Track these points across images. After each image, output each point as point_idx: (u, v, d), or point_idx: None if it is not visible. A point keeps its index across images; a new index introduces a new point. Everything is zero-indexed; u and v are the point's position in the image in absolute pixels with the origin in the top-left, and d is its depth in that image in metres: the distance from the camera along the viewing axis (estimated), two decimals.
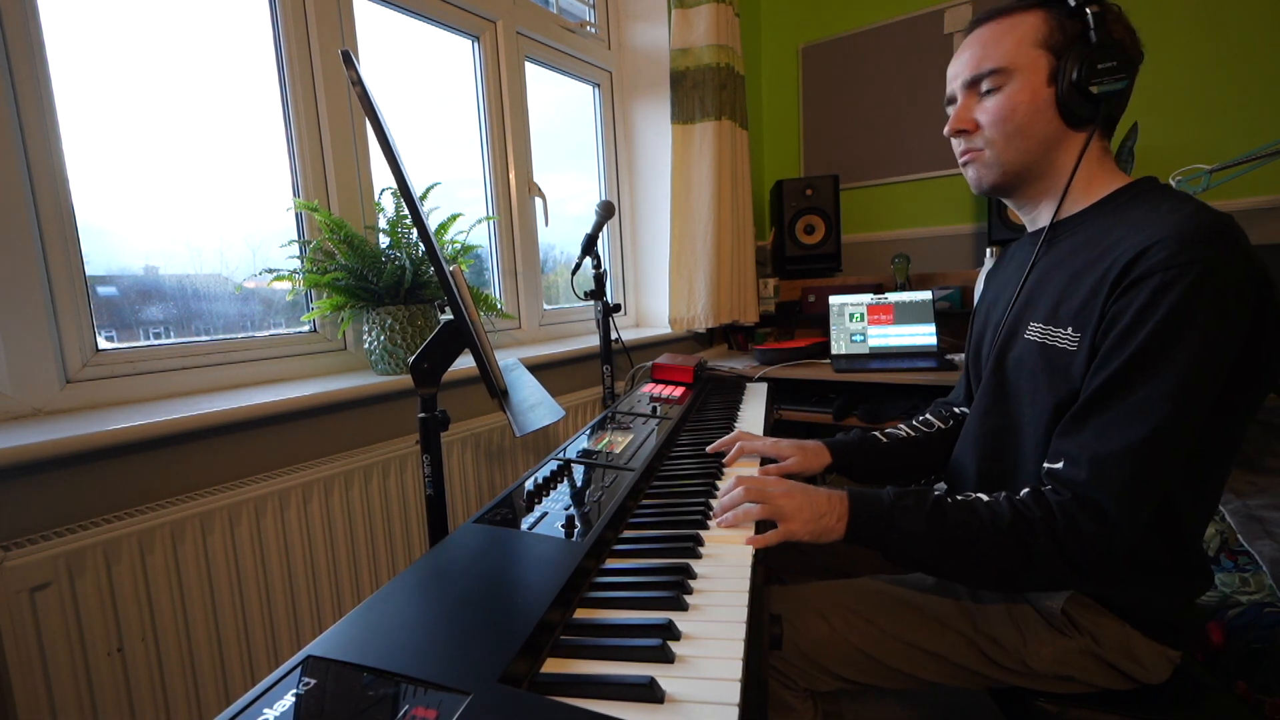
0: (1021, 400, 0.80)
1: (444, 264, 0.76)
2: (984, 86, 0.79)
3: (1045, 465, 0.71)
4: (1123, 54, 0.71)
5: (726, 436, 1.05)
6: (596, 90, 2.22)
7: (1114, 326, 0.66)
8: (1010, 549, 0.68)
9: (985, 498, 0.72)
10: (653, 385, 1.53)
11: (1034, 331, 0.78)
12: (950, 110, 0.84)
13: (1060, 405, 0.72)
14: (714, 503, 0.84)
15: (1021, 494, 0.71)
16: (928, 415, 1.09)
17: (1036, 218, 0.86)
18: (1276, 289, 0.64)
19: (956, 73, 0.82)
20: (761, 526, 0.74)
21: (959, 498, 0.73)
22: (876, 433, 1.07)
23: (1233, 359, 0.63)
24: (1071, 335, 0.71)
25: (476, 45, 1.70)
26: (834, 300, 2.01)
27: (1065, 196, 0.79)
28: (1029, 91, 0.76)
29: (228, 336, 1.18)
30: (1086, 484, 0.65)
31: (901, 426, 1.08)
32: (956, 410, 1.08)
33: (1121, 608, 0.75)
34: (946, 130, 0.84)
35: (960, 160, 0.85)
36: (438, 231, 1.30)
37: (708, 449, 1.04)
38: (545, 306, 1.92)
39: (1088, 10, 0.72)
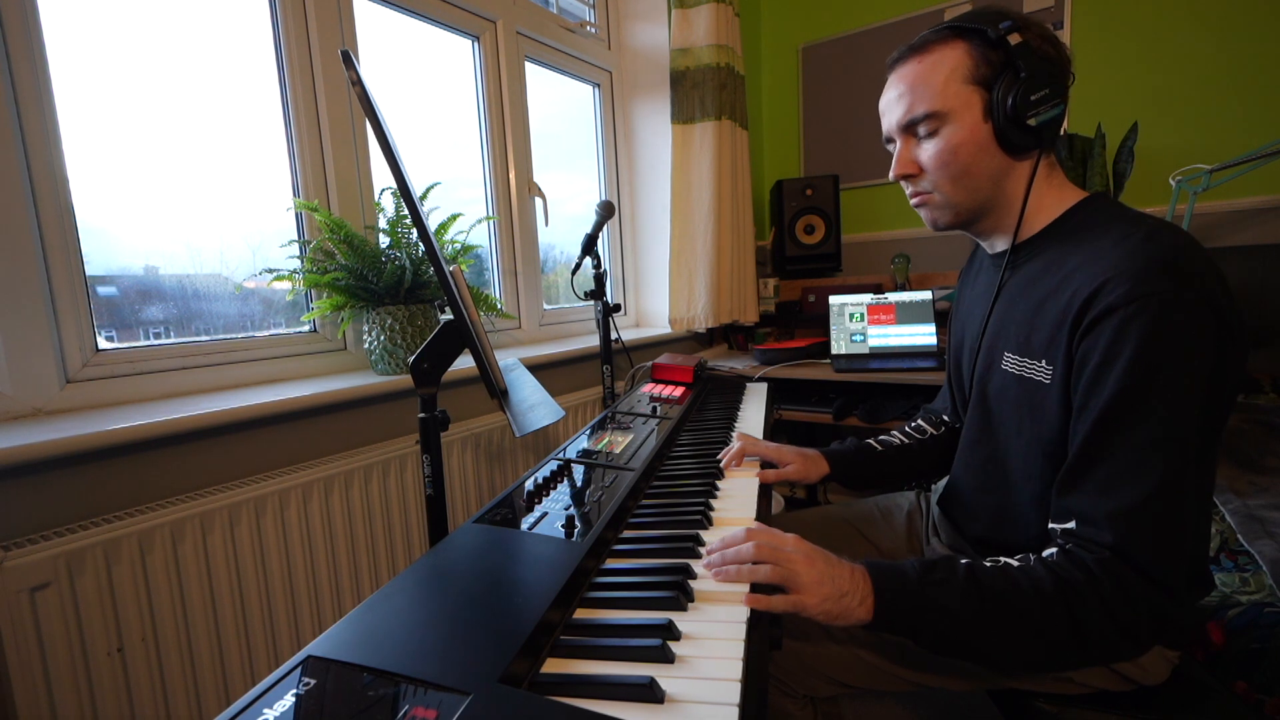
0: (1009, 431, 0.79)
1: (444, 264, 0.76)
2: (920, 131, 0.77)
3: (1054, 525, 0.67)
4: (1053, 78, 0.70)
5: (734, 447, 1.01)
6: (596, 90, 2.22)
7: (1085, 368, 0.64)
8: (1055, 618, 0.62)
9: (1015, 562, 0.66)
10: (653, 385, 1.53)
11: (1009, 363, 0.77)
12: (890, 149, 0.83)
13: (1044, 439, 0.71)
14: (712, 501, 0.84)
15: (1050, 553, 0.66)
16: (919, 421, 1.10)
17: (994, 243, 0.85)
18: (1232, 301, 0.62)
19: (889, 113, 0.80)
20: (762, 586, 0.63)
21: (988, 564, 0.67)
22: (871, 440, 1.07)
23: (1206, 381, 0.61)
24: (1045, 368, 0.71)
25: (476, 45, 1.70)
26: (834, 300, 2.01)
27: (1021, 224, 0.78)
28: (967, 131, 0.74)
29: (228, 336, 1.18)
30: (1116, 545, 0.61)
31: (895, 433, 1.09)
32: (945, 418, 1.08)
33: None
34: (891, 175, 0.82)
35: (912, 203, 0.84)
36: (438, 231, 1.30)
37: (723, 465, 0.99)
38: (545, 306, 1.92)
39: (1010, 40, 0.71)
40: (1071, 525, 0.65)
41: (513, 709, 0.40)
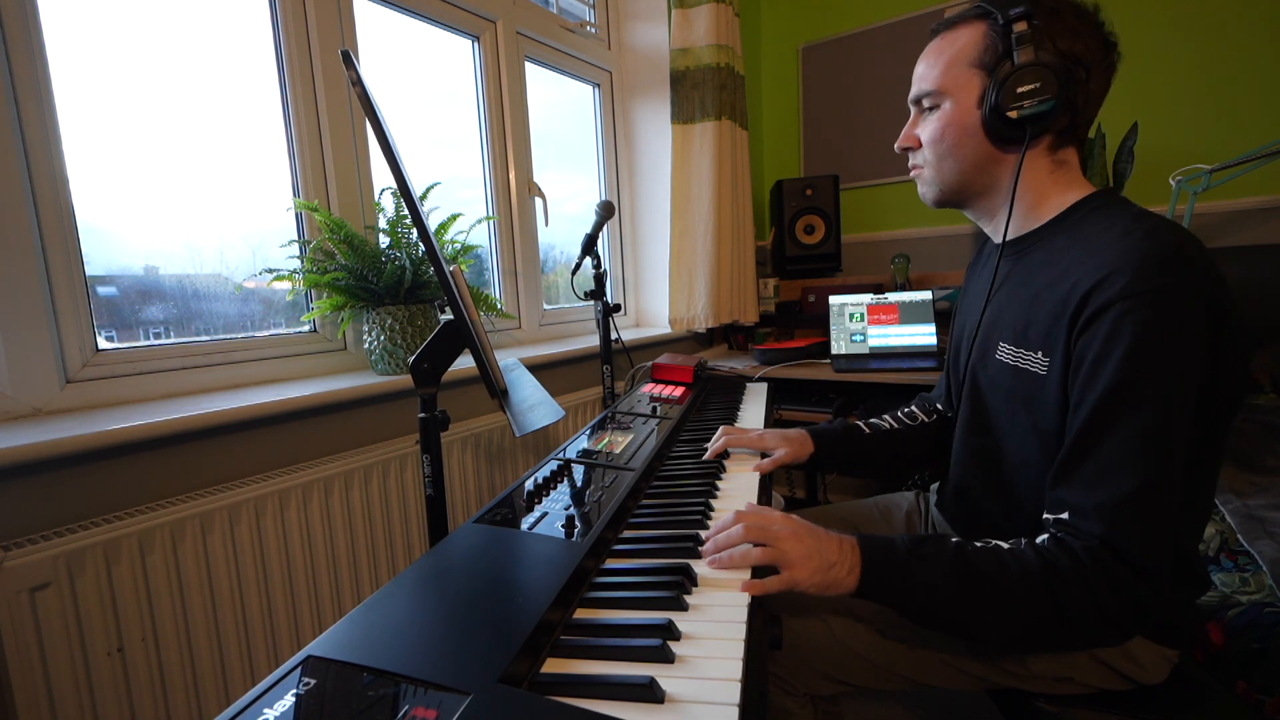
0: (1001, 421, 0.79)
1: (444, 264, 0.76)
2: (924, 104, 0.80)
3: (1047, 515, 0.68)
4: (1051, 72, 0.68)
5: (716, 442, 1.02)
6: (596, 90, 2.22)
7: (1082, 363, 0.65)
8: (1039, 601, 0.63)
9: (1005, 545, 0.67)
10: (653, 385, 1.53)
11: (1004, 353, 0.77)
12: None
13: (1039, 428, 0.72)
14: (713, 501, 0.84)
15: (1041, 540, 0.66)
16: (912, 408, 1.11)
17: (995, 231, 0.85)
18: (1231, 300, 0.62)
19: (911, 86, 0.83)
20: (759, 569, 0.65)
21: (978, 544, 0.68)
22: (860, 422, 1.07)
23: (1200, 378, 0.62)
24: (1042, 359, 0.71)
25: (476, 45, 1.70)
26: (834, 300, 2.01)
27: (1011, 216, 0.79)
28: (959, 114, 0.76)
29: (228, 336, 1.18)
30: (1106, 536, 0.62)
31: (886, 418, 1.10)
32: (939, 406, 1.09)
33: None
34: (896, 146, 0.86)
35: (910, 175, 0.87)
36: (438, 231, 1.30)
37: (706, 457, 1.01)
38: (545, 306, 1.92)
39: (1014, 28, 0.70)
40: (1064, 516, 0.66)
41: (513, 709, 0.40)
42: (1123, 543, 0.61)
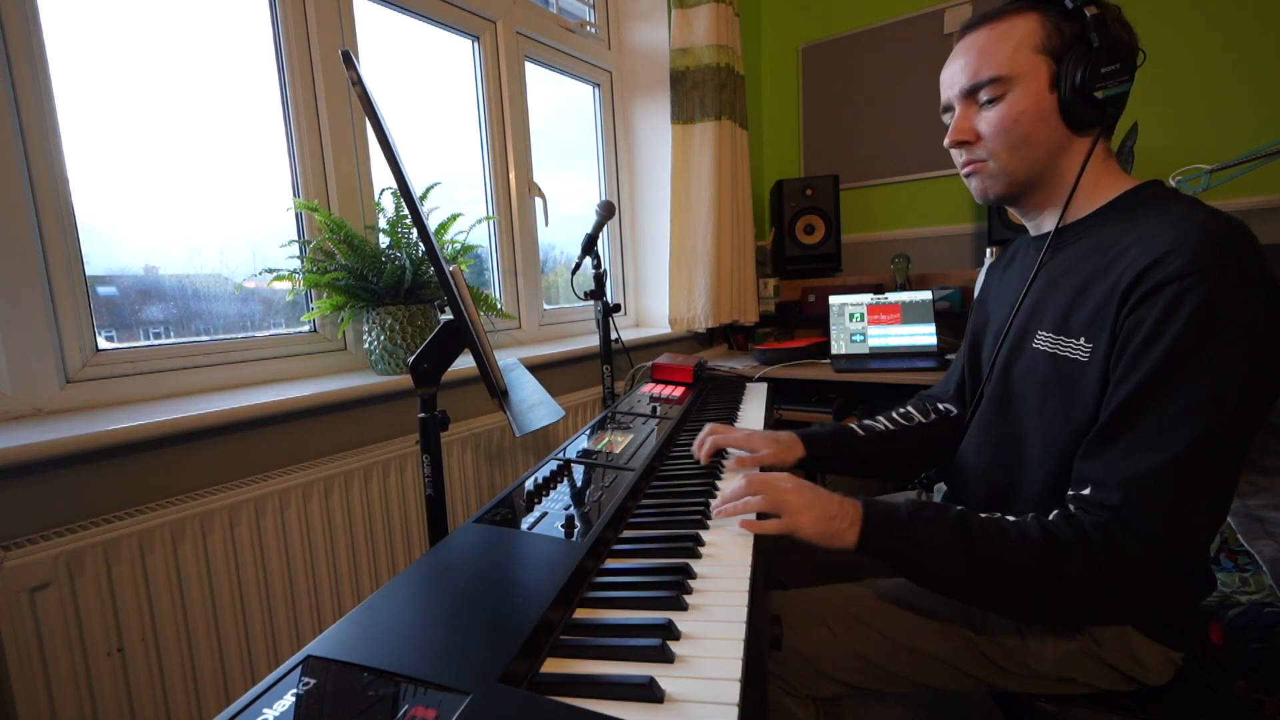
0: (1029, 411, 0.78)
1: (444, 264, 0.76)
2: (983, 96, 0.76)
3: (1070, 492, 0.67)
4: (1124, 55, 0.70)
5: (705, 443, 0.99)
6: (596, 90, 2.22)
7: (1131, 339, 0.63)
8: (1040, 573, 0.63)
9: (1011, 518, 0.68)
10: (653, 385, 1.53)
11: (1043, 341, 0.76)
12: (947, 119, 0.82)
13: (1072, 417, 0.71)
14: (712, 501, 0.84)
15: (1050, 516, 0.66)
16: (908, 408, 1.09)
17: (1041, 223, 0.85)
18: None
19: (952, 80, 0.80)
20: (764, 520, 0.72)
21: (983, 515, 0.69)
22: (854, 424, 1.06)
23: (1250, 366, 0.60)
24: (1084, 346, 0.70)
25: (476, 45, 1.70)
26: (834, 300, 2.01)
27: (1070, 202, 0.78)
28: (1031, 99, 0.74)
29: (228, 336, 1.18)
30: (1121, 508, 0.61)
31: (880, 419, 1.08)
32: (940, 406, 1.08)
33: None
34: (947, 142, 0.82)
35: (963, 171, 0.83)
36: (438, 231, 1.30)
37: (703, 462, 0.98)
38: (545, 306, 1.92)
39: (1086, 12, 0.71)
40: (1086, 491, 0.65)
41: (513, 709, 0.40)
42: (1137, 515, 0.60)
